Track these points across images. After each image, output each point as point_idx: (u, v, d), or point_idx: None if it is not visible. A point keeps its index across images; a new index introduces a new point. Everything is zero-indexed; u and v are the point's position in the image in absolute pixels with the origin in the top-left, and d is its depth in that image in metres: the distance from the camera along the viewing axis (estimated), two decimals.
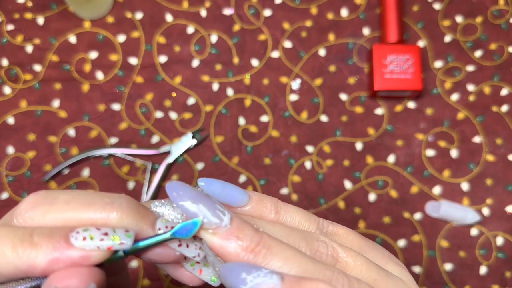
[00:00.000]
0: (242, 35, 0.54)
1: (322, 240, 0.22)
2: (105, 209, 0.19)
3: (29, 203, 0.20)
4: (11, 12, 0.54)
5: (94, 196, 0.20)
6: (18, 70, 0.52)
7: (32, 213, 0.19)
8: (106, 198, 0.20)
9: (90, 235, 0.19)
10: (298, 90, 0.53)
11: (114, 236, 0.19)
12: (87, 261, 0.19)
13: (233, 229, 0.20)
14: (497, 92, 0.52)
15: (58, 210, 0.19)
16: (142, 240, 0.20)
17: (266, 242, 0.20)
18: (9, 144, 0.51)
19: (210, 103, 0.52)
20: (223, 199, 0.22)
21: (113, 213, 0.19)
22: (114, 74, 0.53)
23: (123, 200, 0.20)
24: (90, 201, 0.20)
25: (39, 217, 0.19)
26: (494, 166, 0.51)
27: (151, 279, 0.49)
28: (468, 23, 0.54)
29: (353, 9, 0.54)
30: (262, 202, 0.23)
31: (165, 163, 0.50)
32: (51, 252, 0.18)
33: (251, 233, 0.20)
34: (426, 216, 0.50)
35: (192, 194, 0.20)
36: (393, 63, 0.50)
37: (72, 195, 0.20)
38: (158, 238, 0.20)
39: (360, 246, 0.23)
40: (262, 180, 0.51)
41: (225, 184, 0.22)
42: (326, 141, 0.51)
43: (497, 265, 0.49)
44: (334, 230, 0.23)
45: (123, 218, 0.20)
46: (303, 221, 0.23)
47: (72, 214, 0.19)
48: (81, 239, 0.18)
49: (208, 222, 0.20)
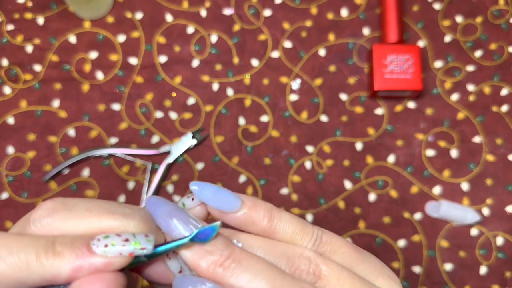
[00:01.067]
0: (242, 35, 0.54)
1: (305, 256, 0.22)
2: (127, 218, 0.20)
3: (47, 209, 0.20)
4: (11, 12, 0.54)
5: (115, 205, 0.20)
6: (18, 70, 0.52)
7: (51, 219, 0.20)
8: (127, 209, 0.20)
9: (112, 242, 0.19)
10: (298, 90, 0.53)
11: (135, 242, 0.19)
12: (110, 267, 0.19)
13: (205, 243, 0.20)
14: (497, 92, 0.52)
15: (79, 217, 0.20)
16: (161, 245, 0.20)
17: (236, 256, 0.20)
18: (9, 144, 0.51)
19: (210, 103, 0.52)
20: (214, 204, 0.22)
21: (134, 222, 0.20)
22: (114, 74, 0.53)
23: (143, 213, 0.21)
24: (112, 210, 0.20)
25: (59, 223, 0.20)
26: (494, 166, 0.51)
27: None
28: (468, 23, 0.54)
29: (353, 9, 0.54)
30: (256, 208, 0.22)
31: (165, 163, 0.50)
32: (74, 261, 0.19)
33: (221, 247, 0.20)
34: (426, 216, 0.50)
35: (167, 209, 0.21)
36: (393, 63, 0.50)
37: (92, 203, 0.20)
38: (178, 243, 0.20)
39: (351, 259, 0.23)
40: (262, 180, 0.51)
41: (218, 189, 0.22)
42: (326, 141, 0.51)
43: (497, 265, 0.49)
44: (327, 240, 0.23)
45: (142, 229, 0.20)
46: (296, 230, 0.22)
47: (93, 221, 0.20)
48: (102, 246, 0.19)
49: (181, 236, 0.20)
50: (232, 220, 0.22)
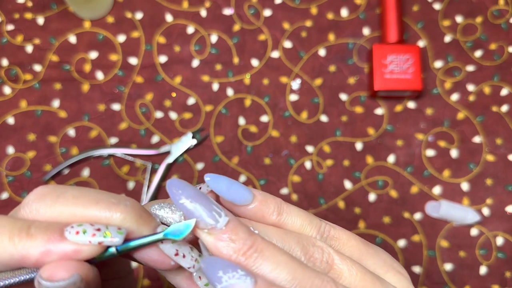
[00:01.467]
0: (242, 35, 0.54)
1: (318, 246, 0.22)
2: (110, 208, 0.20)
3: (37, 194, 0.20)
4: (11, 12, 0.54)
5: (101, 194, 0.21)
6: (18, 70, 0.52)
7: (39, 204, 0.20)
8: (112, 198, 0.20)
9: (83, 229, 0.19)
10: (298, 90, 0.53)
11: (106, 232, 0.19)
12: (79, 255, 0.19)
13: (228, 230, 0.20)
14: (497, 92, 0.52)
15: (65, 204, 0.20)
16: (135, 239, 0.20)
17: (258, 246, 0.20)
18: (9, 144, 0.51)
19: (210, 103, 0.52)
20: (228, 197, 0.22)
21: (117, 213, 0.20)
22: (114, 74, 0.53)
23: (129, 203, 0.21)
24: (97, 199, 0.20)
25: (45, 208, 0.20)
26: (494, 166, 0.51)
27: (151, 279, 0.49)
28: (468, 23, 0.54)
29: (353, 9, 0.54)
30: (266, 202, 0.23)
31: (165, 163, 0.50)
32: (44, 244, 0.19)
33: (244, 236, 0.20)
34: (426, 216, 0.50)
35: (191, 193, 0.20)
36: (393, 63, 0.50)
37: (80, 191, 0.21)
38: (151, 238, 0.20)
39: (360, 253, 0.23)
40: (262, 180, 0.51)
41: (231, 182, 0.22)
42: (326, 141, 0.51)
43: (497, 265, 0.49)
44: (335, 234, 0.23)
45: (126, 220, 0.20)
46: (304, 224, 0.23)
47: (78, 209, 0.20)
48: (74, 233, 0.19)
49: (204, 222, 0.20)
50: (243, 213, 0.23)
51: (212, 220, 0.20)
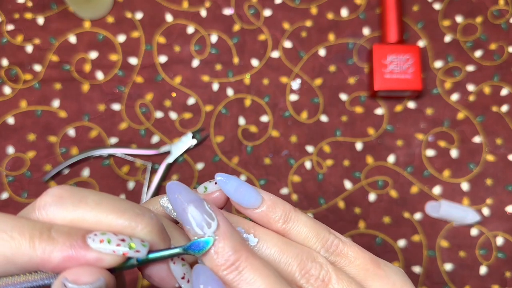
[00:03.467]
0: (242, 35, 0.54)
1: (318, 262, 0.22)
2: (136, 219, 0.20)
3: (54, 195, 0.20)
4: (11, 12, 0.54)
5: (125, 203, 0.20)
6: (18, 70, 0.52)
7: (57, 207, 0.19)
8: (137, 209, 0.20)
9: (108, 238, 0.19)
10: (298, 90, 0.53)
11: (131, 244, 0.19)
12: (101, 263, 0.19)
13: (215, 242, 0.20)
14: (497, 92, 0.52)
15: (88, 209, 0.19)
16: (155, 252, 0.20)
17: (241, 264, 0.20)
18: (9, 144, 0.51)
19: (210, 103, 0.52)
20: (235, 199, 0.22)
21: (143, 225, 0.20)
22: (114, 74, 0.53)
23: (153, 215, 0.20)
24: (122, 208, 0.20)
25: (65, 212, 0.19)
26: (494, 166, 0.51)
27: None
28: (468, 23, 0.54)
29: (353, 9, 0.54)
30: (274, 208, 0.22)
31: (165, 163, 0.50)
32: (67, 250, 0.18)
33: (230, 251, 0.20)
34: (426, 216, 0.50)
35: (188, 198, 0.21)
36: (393, 63, 0.50)
37: (102, 198, 0.20)
38: (171, 252, 0.21)
39: (366, 274, 0.22)
40: (262, 180, 0.51)
41: (241, 184, 0.22)
42: (326, 141, 0.51)
43: (497, 265, 0.49)
44: (343, 250, 0.22)
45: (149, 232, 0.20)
46: (310, 235, 0.22)
47: (102, 216, 0.19)
48: (98, 241, 0.19)
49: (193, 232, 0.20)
50: (250, 215, 0.23)
51: (200, 231, 0.20)
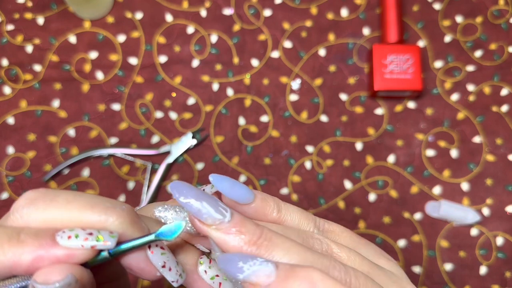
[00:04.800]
0: (242, 35, 0.54)
1: (317, 238, 0.23)
2: (106, 212, 0.20)
3: (27, 198, 0.20)
4: (11, 12, 0.54)
5: (95, 198, 0.20)
6: (18, 70, 0.52)
7: (29, 209, 0.20)
8: (107, 202, 0.20)
9: (76, 234, 0.19)
10: (298, 90, 0.53)
11: (98, 236, 0.19)
12: (72, 259, 0.19)
13: (235, 224, 0.21)
14: (497, 92, 0.52)
15: (59, 208, 0.20)
16: (127, 242, 0.20)
17: (267, 235, 0.21)
18: (9, 144, 0.51)
19: (210, 103, 0.52)
20: (231, 195, 0.23)
21: (113, 217, 0.20)
22: (114, 74, 0.53)
23: (125, 207, 0.21)
24: (92, 203, 0.20)
25: (37, 213, 0.20)
26: (494, 166, 0.51)
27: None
28: (468, 23, 0.54)
29: (353, 9, 0.54)
30: (266, 201, 0.24)
31: (165, 163, 0.50)
32: (36, 250, 0.19)
33: (252, 227, 0.21)
34: (426, 216, 0.50)
35: (195, 193, 0.21)
36: (393, 63, 0.50)
37: (74, 195, 0.20)
38: (142, 240, 0.20)
39: (353, 243, 0.24)
40: (262, 180, 0.51)
41: (234, 182, 0.23)
42: (326, 141, 0.51)
43: (497, 265, 0.49)
44: (330, 227, 0.25)
45: (122, 224, 0.20)
46: (302, 219, 0.24)
47: (72, 213, 0.20)
48: (66, 238, 0.19)
49: (212, 218, 0.21)
50: (245, 211, 0.24)
51: (220, 215, 0.21)
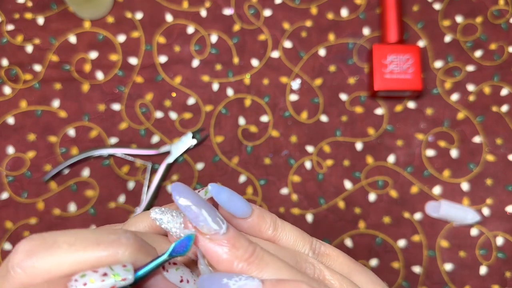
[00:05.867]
0: (242, 35, 0.54)
1: (310, 262, 0.23)
2: (113, 246, 0.19)
3: (25, 250, 0.19)
4: (11, 12, 0.54)
5: (97, 233, 0.19)
6: (18, 70, 0.52)
7: (31, 260, 0.18)
8: (110, 235, 0.19)
9: (90, 279, 0.18)
10: (298, 90, 0.53)
11: (114, 274, 0.18)
12: None
13: (229, 238, 0.20)
14: (497, 92, 0.52)
15: (63, 253, 0.19)
16: (142, 268, 0.20)
17: (259, 253, 0.21)
18: (9, 144, 0.51)
19: (210, 103, 0.52)
20: (229, 207, 0.23)
21: (121, 249, 0.19)
22: (114, 74, 0.53)
23: (129, 235, 0.20)
24: (96, 240, 0.19)
25: (42, 263, 0.18)
26: (494, 166, 0.51)
27: None
28: (468, 23, 0.54)
29: (353, 9, 0.54)
30: (263, 217, 0.23)
31: (165, 163, 0.50)
32: None
33: (245, 244, 0.21)
34: (426, 216, 0.50)
35: (196, 199, 0.21)
36: (393, 63, 0.50)
37: (74, 235, 0.19)
38: (157, 262, 0.20)
39: (349, 270, 0.24)
40: (262, 180, 0.51)
41: (232, 194, 0.23)
42: (326, 141, 0.51)
43: (497, 265, 0.49)
44: (326, 251, 0.24)
45: (131, 255, 0.19)
46: (297, 240, 0.24)
47: (78, 255, 0.19)
48: (81, 286, 0.18)
49: (208, 227, 0.20)
50: (241, 226, 0.23)
51: (216, 226, 0.20)
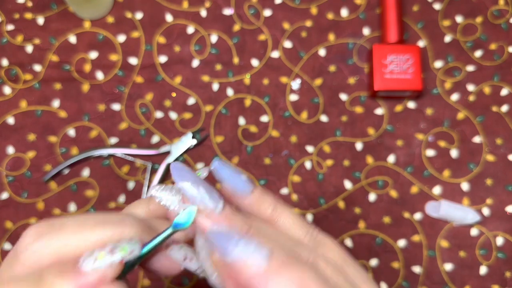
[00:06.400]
0: (242, 35, 0.54)
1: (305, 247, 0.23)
2: (119, 225, 0.20)
3: (34, 234, 0.20)
4: (11, 12, 0.54)
5: (102, 216, 0.21)
6: (18, 70, 0.52)
7: (41, 242, 0.19)
8: (115, 217, 0.21)
9: (98, 256, 0.19)
10: (298, 90, 0.53)
11: (121, 248, 0.19)
12: (106, 279, 0.19)
13: (225, 216, 0.21)
14: (497, 92, 0.52)
15: (71, 233, 0.19)
16: (148, 243, 0.21)
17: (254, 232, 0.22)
18: (9, 144, 0.51)
19: (210, 103, 0.52)
20: (231, 183, 0.23)
21: (127, 228, 0.20)
22: (114, 74, 0.53)
23: (132, 217, 0.21)
24: (102, 220, 0.20)
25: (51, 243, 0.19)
26: (494, 166, 0.51)
27: (151, 279, 0.49)
28: (468, 23, 0.54)
29: (353, 9, 0.54)
30: (263, 197, 0.24)
31: (165, 163, 0.50)
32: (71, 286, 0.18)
33: (240, 223, 0.21)
34: (426, 216, 0.50)
35: (193, 177, 0.21)
36: (393, 63, 0.50)
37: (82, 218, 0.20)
38: (163, 236, 0.21)
39: (342, 261, 0.24)
40: (262, 180, 0.51)
41: (235, 171, 0.23)
42: (326, 141, 0.51)
43: (497, 265, 0.49)
44: (322, 240, 0.24)
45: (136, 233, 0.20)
46: (295, 224, 0.24)
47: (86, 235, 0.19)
48: (91, 263, 0.19)
49: (204, 204, 0.21)
50: (241, 202, 0.23)
51: (213, 203, 0.21)
